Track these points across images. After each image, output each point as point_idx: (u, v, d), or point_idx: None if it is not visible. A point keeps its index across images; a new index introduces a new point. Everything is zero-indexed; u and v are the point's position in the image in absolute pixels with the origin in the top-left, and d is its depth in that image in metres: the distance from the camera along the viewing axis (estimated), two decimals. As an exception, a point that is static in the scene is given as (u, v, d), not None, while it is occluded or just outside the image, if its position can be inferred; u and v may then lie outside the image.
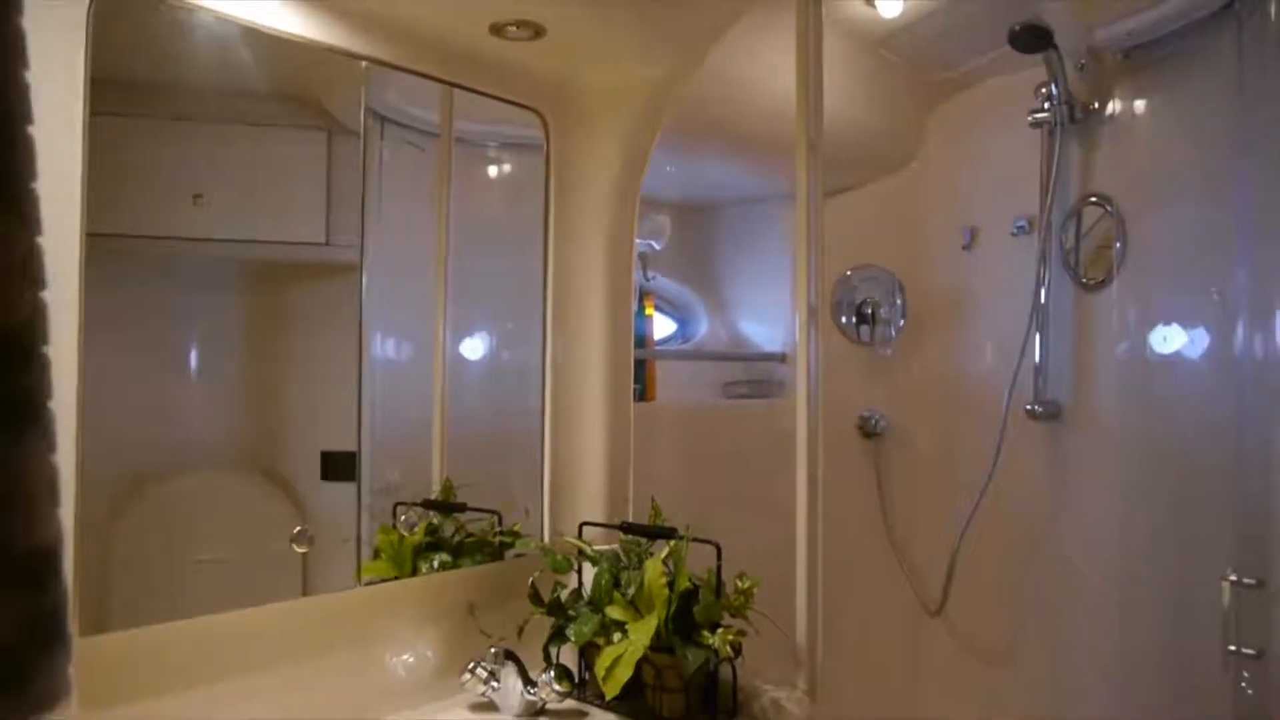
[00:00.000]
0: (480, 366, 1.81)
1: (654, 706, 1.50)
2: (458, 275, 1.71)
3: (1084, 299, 2.28)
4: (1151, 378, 2.14)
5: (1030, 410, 2.28)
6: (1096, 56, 2.23)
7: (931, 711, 2.51)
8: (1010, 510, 2.36)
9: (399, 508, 1.61)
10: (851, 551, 2.42)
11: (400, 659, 1.53)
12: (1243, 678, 1.69)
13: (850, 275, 2.52)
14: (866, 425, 2.51)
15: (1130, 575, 2.13)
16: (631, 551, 1.59)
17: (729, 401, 2.34)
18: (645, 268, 2.11)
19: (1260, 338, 1.66)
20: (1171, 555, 2.04)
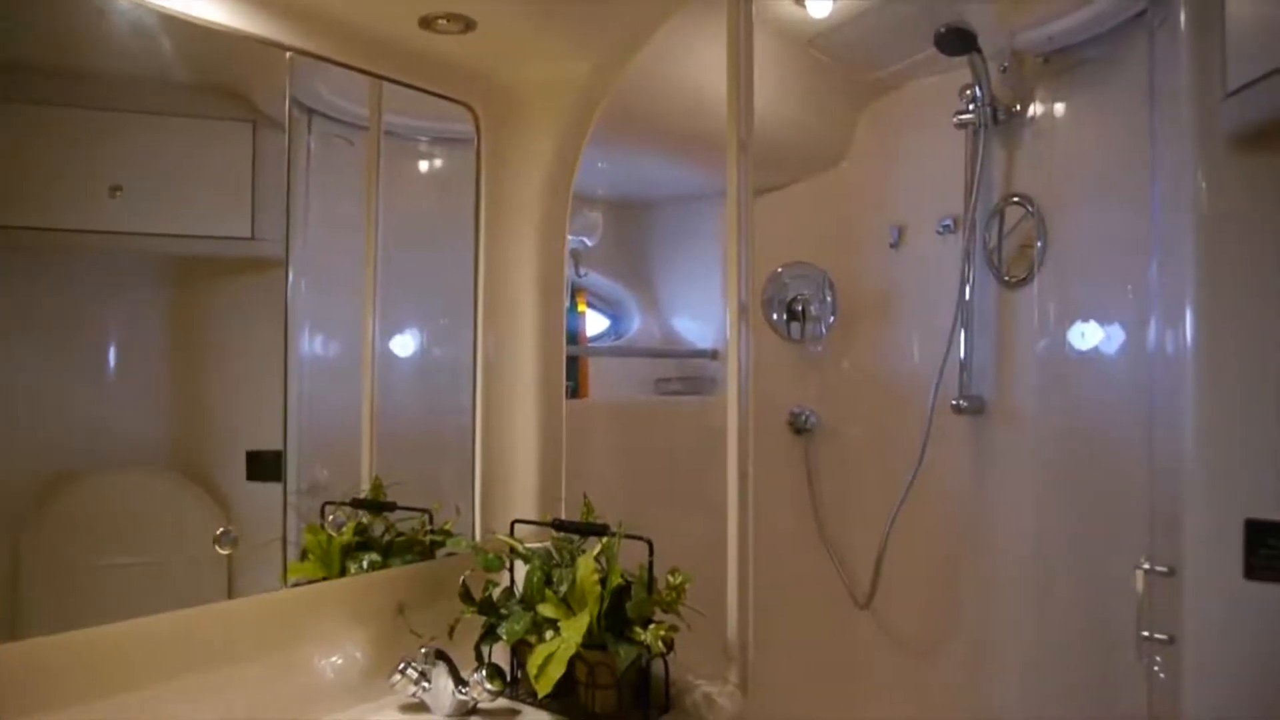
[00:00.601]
0: (411, 363, 1.79)
1: (586, 704, 1.50)
2: (388, 271, 1.69)
3: (1006, 296, 2.34)
4: (1070, 373, 2.20)
5: (955, 405, 2.33)
6: (1018, 60, 2.28)
7: (861, 702, 2.55)
8: (936, 503, 2.41)
9: (327, 507, 1.58)
10: (783, 546, 2.45)
11: (328, 661, 1.50)
12: (1155, 662, 1.75)
13: (781, 273, 2.55)
14: (797, 421, 2.54)
15: (1049, 564, 2.19)
16: (564, 549, 1.58)
17: (661, 398, 2.34)
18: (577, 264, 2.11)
19: (1171, 334, 1.72)
20: (1088, 544, 2.11)
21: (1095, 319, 2.17)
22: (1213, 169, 1.57)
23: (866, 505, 2.51)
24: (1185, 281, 1.64)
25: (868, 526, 2.47)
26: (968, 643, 2.39)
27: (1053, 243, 2.23)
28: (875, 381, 2.57)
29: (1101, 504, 2.09)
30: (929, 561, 2.45)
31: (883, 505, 2.40)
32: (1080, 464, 2.16)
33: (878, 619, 2.54)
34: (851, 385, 2.59)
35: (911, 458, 2.33)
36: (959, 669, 2.41)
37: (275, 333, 1.51)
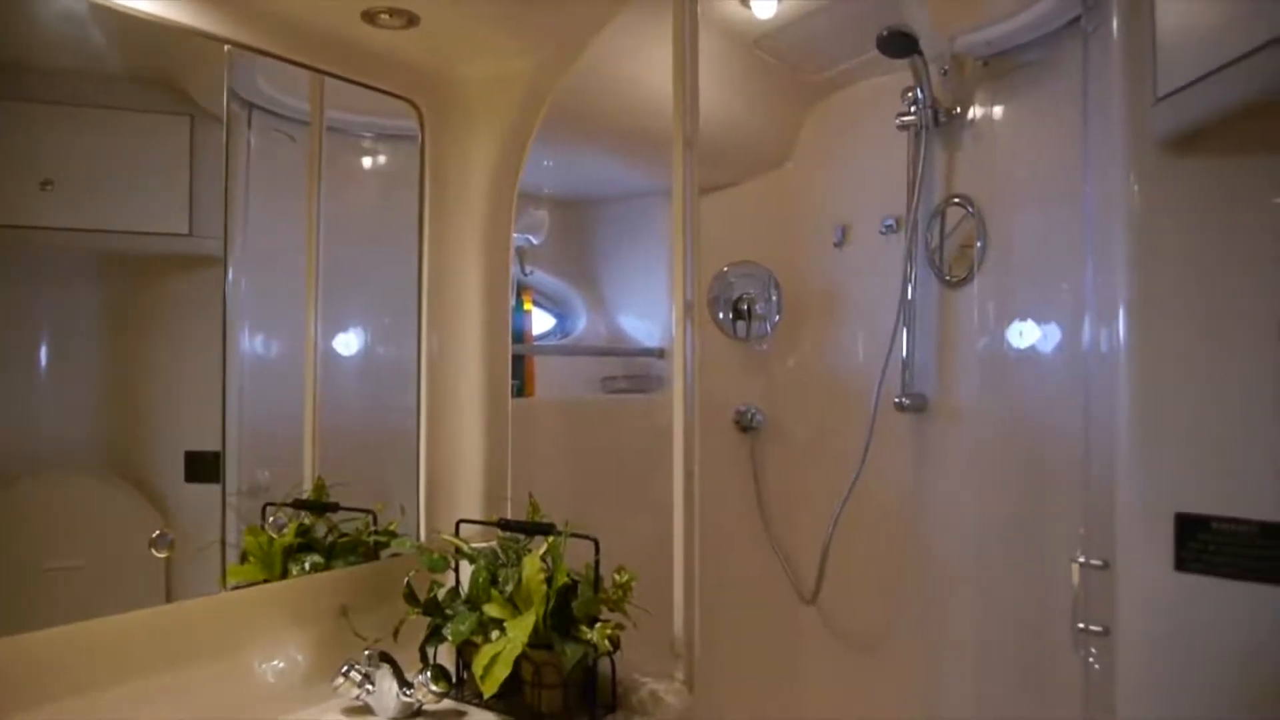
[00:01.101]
0: (354, 362, 1.76)
1: (532, 703, 1.50)
2: (330, 269, 1.67)
3: (948, 295, 2.38)
4: (1009, 371, 2.25)
5: (898, 403, 2.37)
6: (959, 63, 2.32)
7: (807, 697, 2.58)
8: (880, 499, 2.44)
9: (268, 508, 1.56)
10: (729, 543, 2.46)
11: (269, 664, 1.48)
12: (1090, 653, 1.79)
13: (727, 272, 2.57)
14: (743, 419, 2.56)
15: (990, 559, 2.23)
16: (509, 548, 1.58)
17: (607, 397, 2.34)
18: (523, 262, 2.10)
19: (1105, 333, 1.76)
20: (1027, 539, 2.15)
21: (1033, 318, 2.21)
22: (1144, 172, 1.61)
23: (812, 502, 2.53)
24: (1118, 281, 1.68)
25: (813, 523, 2.49)
26: (911, 636, 2.43)
27: (992, 243, 2.27)
28: (820, 379, 2.60)
29: (1039, 499, 2.14)
30: (873, 557, 2.49)
31: (827, 502, 2.42)
32: (1019, 460, 2.20)
33: (823, 614, 2.57)
34: (797, 383, 2.62)
35: (856, 455, 2.35)
36: (903, 662, 2.44)
37: (214, 331, 1.48)
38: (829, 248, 2.59)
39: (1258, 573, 1.51)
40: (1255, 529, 1.51)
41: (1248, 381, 1.55)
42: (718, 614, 2.20)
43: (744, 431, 2.56)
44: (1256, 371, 1.54)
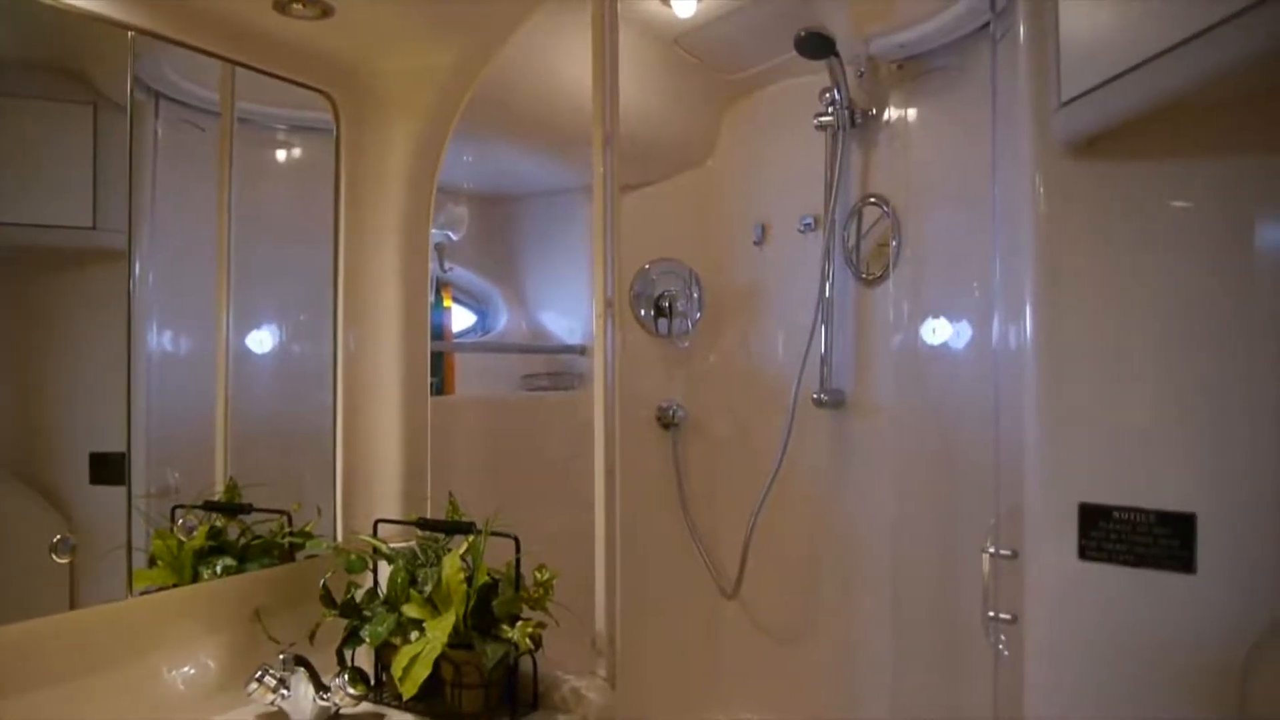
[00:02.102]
0: (269, 360, 1.72)
1: (453, 704, 1.49)
2: (243, 264, 1.63)
3: (864, 293, 2.42)
4: (923, 367, 2.30)
5: (817, 399, 2.40)
6: (874, 65, 2.37)
7: (729, 689, 2.60)
8: (799, 494, 2.48)
9: (177, 511, 1.51)
10: (651, 539, 2.47)
11: (179, 671, 1.44)
12: (1000, 640, 1.84)
13: (649, 269, 2.57)
14: (665, 416, 2.57)
15: (905, 550, 2.28)
16: (429, 548, 1.56)
17: (529, 394, 2.33)
18: (442, 259, 2.07)
19: (1013, 330, 1.81)
20: (940, 531, 2.21)
21: (945, 316, 2.26)
22: (1048, 175, 1.66)
23: (733, 497, 2.56)
24: (1024, 280, 1.73)
25: (734, 518, 2.52)
26: (830, 626, 2.47)
27: (907, 242, 2.32)
28: (741, 376, 2.62)
29: (952, 492, 2.19)
30: (793, 551, 2.52)
31: (748, 497, 2.45)
32: (933, 454, 2.25)
33: (745, 608, 2.60)
34: (718, 380, 2.64)
35: (775, 450, 2.38)
36: (822, 652, 2.48)
37: (119, 328, 1.43)
38: (749, 246, 2.62)
39: (1154, 560, 1.57)
40: (1153, 517, 1.57)
41: (1148, 378, 1.61)
42: (640, 610, 2.21)
43: (666, 428, 2.58)
44: (1156, 368, 1.61)
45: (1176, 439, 1.58)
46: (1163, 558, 1.56)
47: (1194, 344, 1.57)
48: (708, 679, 2.61)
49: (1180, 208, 1.59)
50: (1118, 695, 1.63)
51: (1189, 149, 1.54)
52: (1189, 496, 1.56)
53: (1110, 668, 1.63)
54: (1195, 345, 1.57)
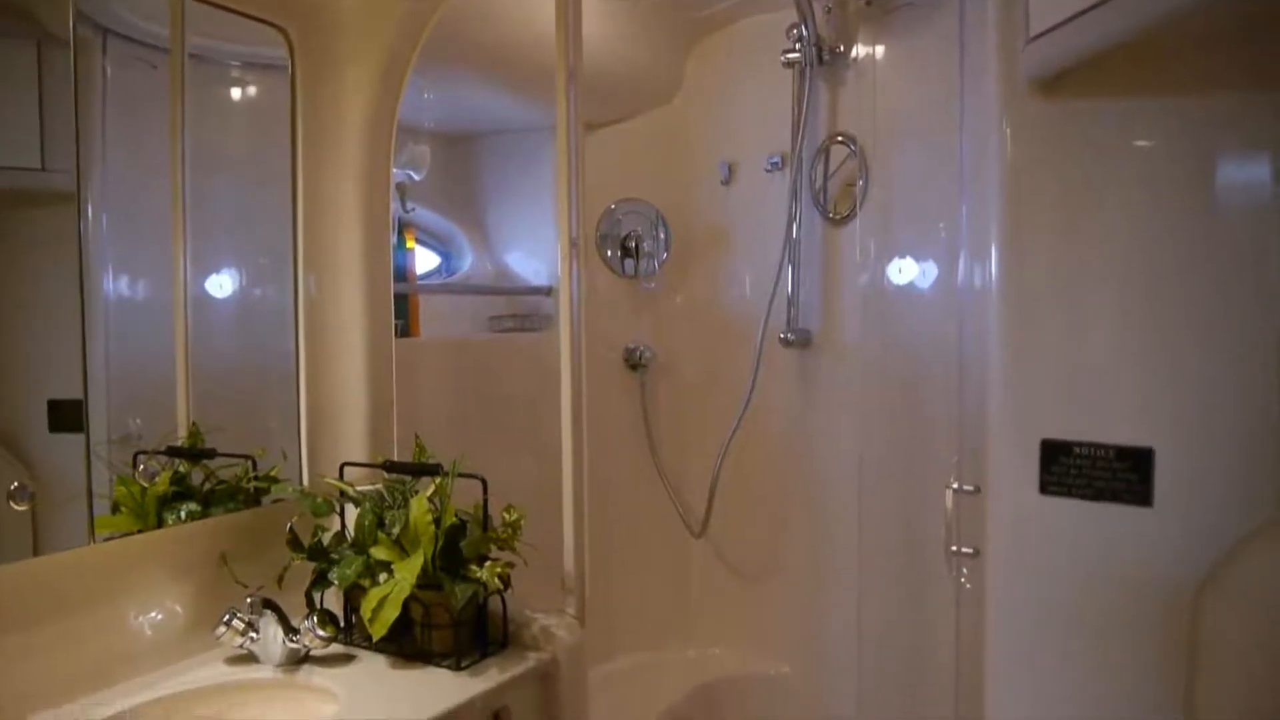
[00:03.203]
0: (229, 305, 1.69)
1: (423, 644, 1.50)
2: (199, 207, 1.59)
3: (831, 233, 2.42)
4: (889, 307, 2.31)
5: (784, 338, 2.41)
6: (842, 1, 2.33)
7: (698, 625, 2.65)
8: (766, 433, 2.50)
9: (140, 457, 1.50)
10: (619, 479, 2.49)
11: (146, 617, 1.43)
12: (962, 573, 1.88)
13: (615, 209, 2.55)
14: (632, 357, 2.56)
15: (870, 488, 2.31)
16: (396, 491, 1.56)
17: (495, 336, 2.31)
18: (404, 199, 2.04)
19: (978, 270, 1.82)
20: (905, 468, 2.24)
21: (912, 255, 2.27)
22: (1015, 113, 1.65)
23: (701, 437, 2.58)
24: (990, 220, 1.74)
25: (702, 457, 2.54)
26: (797, 563, 2.51)
27: (874, 181, 2.31)
28: (708, 316, 2.62)
29: (917, 430, 2.22)
30: (760, 489, 2.55)
31: (716, 437, 2.46)
32: (898, 393, 2.27)
33: (713, 546, 2.63)
34: (685, 321, 2.64)
35: (743, 390, 2.39)
36: (790, 588, 2.52)
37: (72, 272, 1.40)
38: (716, 185, 2.59)
39: (1113, 494, 1.60)
40: (1112, 452, 1.60)
41: (1110, 316, 1.63)
42: (609, 549, 2.23)
43: (633, 369, 2.58)
44: (1118, 306, 1.62)
45: (1137, 376, 1.60)
46: (1121, 492, 1.60)
47: (1155, 282, 1.59)
48: (677, 615, 2.65)
49: (1143, 147, 1.60)
50: (1075, 625, 1.67)
51: (1153, 88, 1.54)
52: (1148, 432, 1.58)
53: (1068, 599, 1.67)
54: (1157, 283, 1.59)
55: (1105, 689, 1.65)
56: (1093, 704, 1.66)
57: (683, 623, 2.65)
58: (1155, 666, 1.60)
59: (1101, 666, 1.65)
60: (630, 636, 2.55)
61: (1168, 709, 1.59)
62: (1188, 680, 1.57)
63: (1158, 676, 1.60)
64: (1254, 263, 1.52)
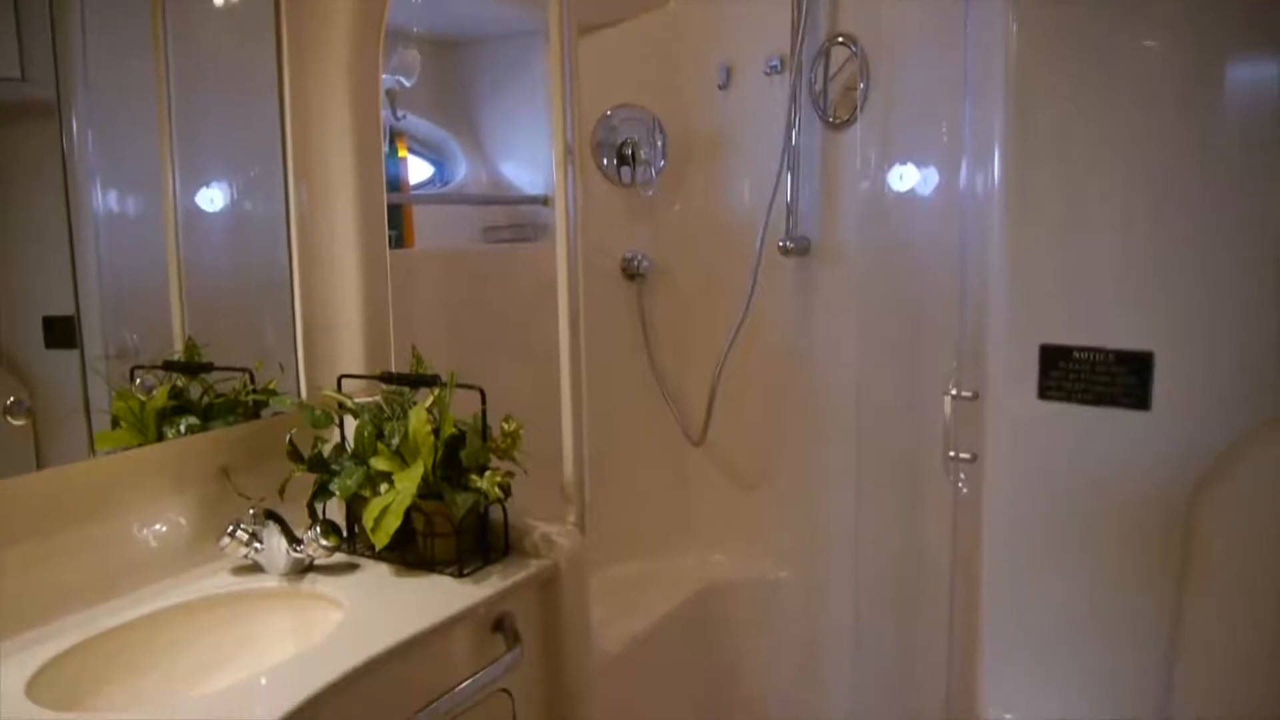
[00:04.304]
0: (222, 218, 1.67)
1: (426, 553, 1.52)
2: (186, 119, 1.56)
3: (831, 138, 2.37)
4: (889, 213, 2.28)
5: (782, 246, 2.38)
6: (843, -107, 2.25)
7: (696, 531, 2.68)
8: (765, 341, 2.49)
9: (137, 371, 1.49)
10: (617, 390, 2.49)
11: (150, 529, 1.45)
12: (960, 479, 1.90)
13: (610, 115, 2.49)
14: (630, 267, 2.54)
15: (869, 395, 2.32)
16: (394, 402, 1.56)
17: (491, 246, 2.29)
18: (395, 106, 1.99)
19: (981, 176, 1.80)
20: (904, 375, 2.24)
21: (913, 161, 2.23)
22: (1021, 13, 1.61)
23: (699, 346, 2.57)
24: (994, 124, 1.71)
25: (700, 366, 2.53)
26: (795, 470, 2.53)
27: (875, 85, 2.26)
28: (706, 225, 2.59)
29: (916, 336, 2.22)
30: (759, 397, 2.55)
31: (714, 345, 2.46)
32: (897, 300, 2.26)
33: (711, 455, 2.65)
34: (683, 229, 2.61)
35: (741, 299, 2.38)
36: (788, 495, 2.55)
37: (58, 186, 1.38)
38: (713, 90, 2.53)
39: (1111, 398, 1.61)
40: (1112, 357, 1.60)
41: (1114, 218, 1.61)
42: (608, 459, 2.25)
43: (631, 279, 2.55)
44: (1120, 210, 1.60)
45: (1138, 280, 1.60)
46: (1119, 395, 1.60)
47: (1160, 186, 1.57)
48: (676, 523, 2.69)
49: (1151, 47, 1.56)
50: (1071, 528, 1.69)
51: (1162, -17, 1.50)
52: (1148, 336, 1.58)
53: (1065, 502, 1.69)
54: (1161, 187, 1.57)
55: (1099, 589, 1.68)
56: (1086, 603, 1.69)
57: (682, 530, 2.69)
58: (1148, 566, 1.63)
59: (1096, 567, 1.68)
60: (630, 544, 2.59)
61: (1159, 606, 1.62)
62: (1179, 577, 1.60)
63: (1150, 576, 1.63)
64: (1261, 165, 1.49)
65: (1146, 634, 1.64)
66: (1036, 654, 1.75)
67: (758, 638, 2.56)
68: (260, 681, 1.16)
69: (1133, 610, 1.65)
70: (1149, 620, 1.63)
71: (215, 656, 1.37)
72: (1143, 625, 1.64)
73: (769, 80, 2.43)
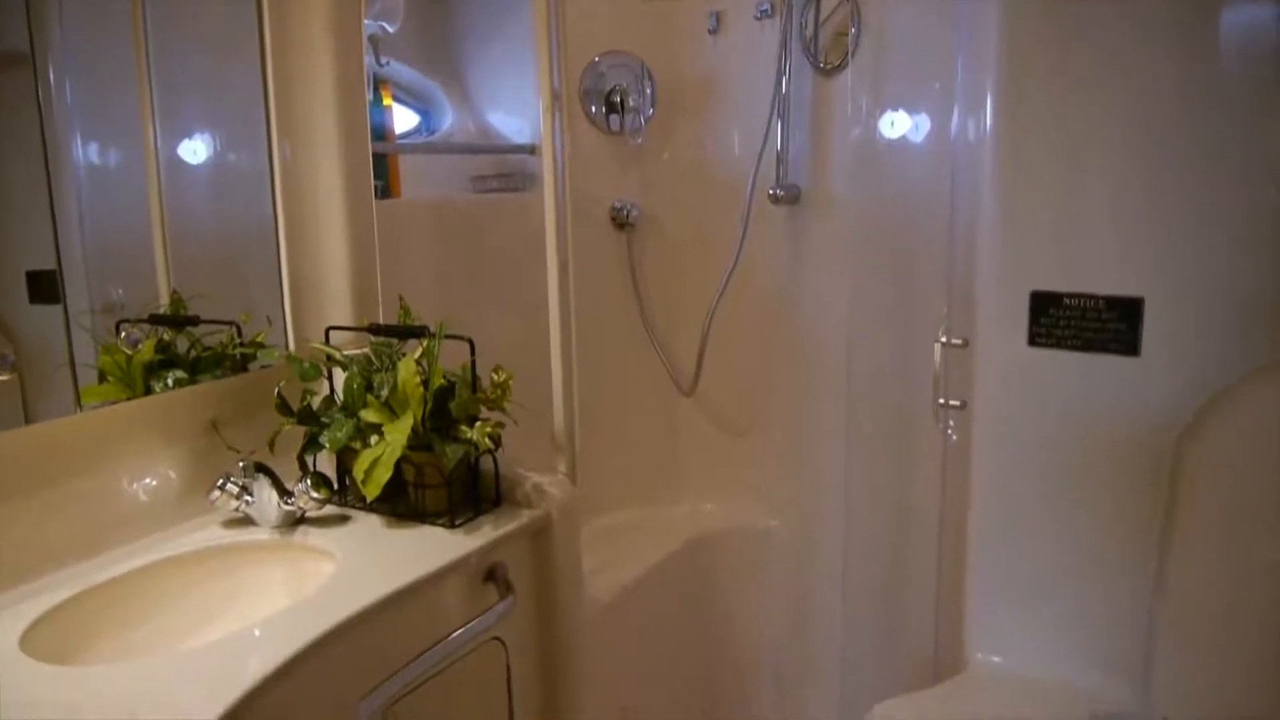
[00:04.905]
0: (205, 171, 1.65)
1: (417, 504, 1.52)
2: (166, 67, 1.53)
3: (822, 85, 2.34)
4: (880, 161, 2.26)
5: (773, 194, 2.37)
6: None
7: (687, 480, 2.69)
8: (755, 290, 2.49)
9: (122, 325, 1.48)
10: (607, 339, 2.48)
11: (140, 483, 1.45)
12: (949, 425, 1.91)
13: (598, 62, 2.46)
14: (619, 216, 2.52)
15: (859, 342, 2.32)
16: (383, 354, 1.55)
17: (479, 196, 2.26)
18: (378, 52, 1.95)
19: (972, 123, 1.78)
20: (894, 321, 2.23)
21: (904, 108, 2.21)
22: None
23: (689, 296, 2.56)
24: (986, 71, 1.69)
25: (691, 316, 2.53)
26: (786, 418, 2.54)
27: (866, 29, 2.23)
28: (696, 173, 2.56)
29: (906, 284, 2.21)
30: (750, 346, 2.55)
31: (705, 295, 2.45)
32: (888, 248, 2.25)
33: (702, 404, 2.65)
34: (673, 177, 2.58)
35: (732, 247, 2.37)
36: (779, 444, 2.56)
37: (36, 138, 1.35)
38: (703, 35, 2.49)
39: (1101, 344, 1.61)
40: (1102, 303, 1.60)
41: (1106, 164, 1.60)
42: (598, 409, 2.25)
43: (620, 228, 2.54)
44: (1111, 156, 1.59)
45: (1129, 226, 1.59)
46: (1109, 341, 1.60)
47: (1153, 132, 1.56)
48: (667, 472, 2.70)
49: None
50: (1059, 473, 1.70)
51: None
52: (1138, 282, 1.58)
53: (1053, 448, 1.70)
54: (1154, 133, 1.55)
55: (1085, 534, 1.70)
56: (1073, 548, 1.71)
57: (673, 479, 2.70)
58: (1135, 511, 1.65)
59: (1082, 512, 1.69)
60: (621, 493, 2.60)
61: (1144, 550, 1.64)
62: (1164, 521, 1.62)
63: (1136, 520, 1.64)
64: (1254, 113, 1.48)
65: (1131, 578, 1.66)
66: (1023, 598, 1.77)
67: (748, 586, 2.59)
68: (254, 633, 1.16)
69: (1118, 555, 1.67)
70: (1134, 564, 1.65)
71: (207, 609, 1.37)
72: (1128, 569, 1.66)
73: (759, 25, 2.40)
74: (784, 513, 2.57)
